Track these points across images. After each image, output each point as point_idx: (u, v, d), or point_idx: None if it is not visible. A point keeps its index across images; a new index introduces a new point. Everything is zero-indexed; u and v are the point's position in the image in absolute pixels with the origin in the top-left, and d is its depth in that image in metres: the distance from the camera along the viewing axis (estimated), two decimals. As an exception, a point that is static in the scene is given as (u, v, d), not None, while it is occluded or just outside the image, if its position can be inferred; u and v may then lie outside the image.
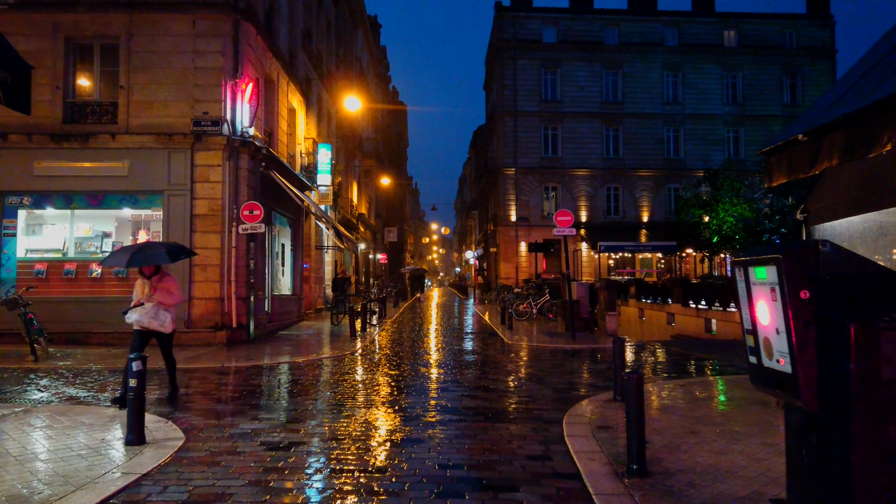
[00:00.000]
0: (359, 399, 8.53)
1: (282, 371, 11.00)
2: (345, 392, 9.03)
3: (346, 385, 9.61)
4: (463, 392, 9.04)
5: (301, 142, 21.83)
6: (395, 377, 10.30)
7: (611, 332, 18.06)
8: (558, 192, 45.58)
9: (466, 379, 10.21)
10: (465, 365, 11.80)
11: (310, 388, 9.49)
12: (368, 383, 9.78)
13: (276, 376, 10.43)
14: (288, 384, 9.78)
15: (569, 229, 17.05)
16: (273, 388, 9.45)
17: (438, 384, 9.66)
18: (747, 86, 46.81)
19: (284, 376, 10.48)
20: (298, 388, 9.40)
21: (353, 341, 15.43)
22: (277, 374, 10.63)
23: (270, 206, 17.79)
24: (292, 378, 10.32)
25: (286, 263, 20.54)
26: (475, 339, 17.00)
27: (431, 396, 8.70)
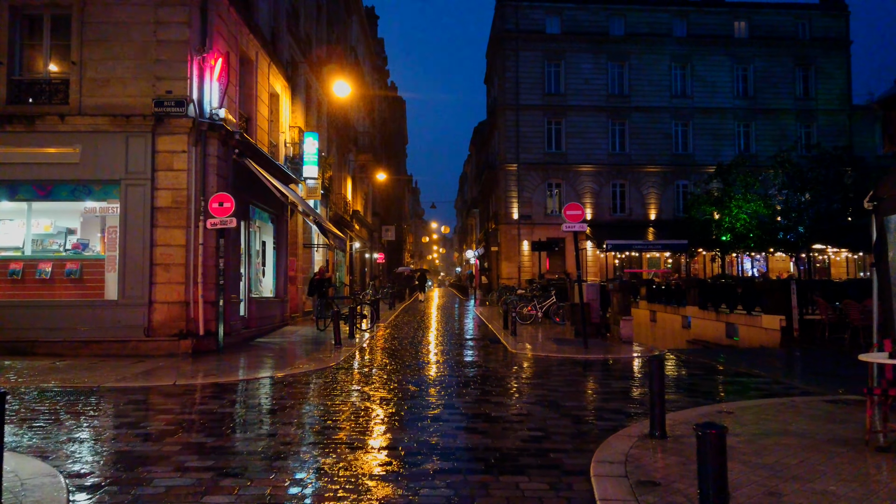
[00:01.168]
0: (325, 438, 6.73)
1: (242, 392, 9.21)
2: (309, 425, 7.24)
3: (313, 414, 7.82)
4: (459, 423, 7.25)
5: (285, 130, 20.04)
6: (376, 402, 8.50)
7: (625, 339, 16.29)
8: (562, 188, 43.79)
9: (464, 402, 8.42)
10: (464, 382, 10.01)
11: (266, 418, 7.69)
12: (342, 412, 7.98)
13: (233, 400, 8.64)
14: (243, 412, 7.97)
15: (579, 224, 15.26)
16: (222, 418, 7.65)
17: (430, 410, 7.87)
18: (758, 78, 45.01)
19: (242, 400, 8.69)
20: (253, 419, 7.60)
21: (336, 351, 13.65)
22: (235, 397, 8.84)
23: (247, 199, 16.02)
24: (251, 403, 8.53)
25: (268, 263, 18.76)
26: (475, 347, 15.22)
27: (420, 429, 6.92)
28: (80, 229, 14.11)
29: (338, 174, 30.95)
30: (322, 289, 19.25)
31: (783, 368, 12.37)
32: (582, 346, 14.55)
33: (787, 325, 16.54)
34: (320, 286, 19.40)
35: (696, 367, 11.84)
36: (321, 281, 19.53)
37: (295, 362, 11.98)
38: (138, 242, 13.02)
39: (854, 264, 44.14)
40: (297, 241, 21.77)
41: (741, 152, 43.01)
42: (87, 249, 13.81)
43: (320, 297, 19.14)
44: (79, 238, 13.98)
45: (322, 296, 19.15)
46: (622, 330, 16.46)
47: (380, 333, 18.27)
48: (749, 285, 20.47)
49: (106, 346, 12.74)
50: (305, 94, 23.41)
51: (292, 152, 20.48)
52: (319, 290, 19.23)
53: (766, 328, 17.39)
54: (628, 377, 10.63)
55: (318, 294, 19.22)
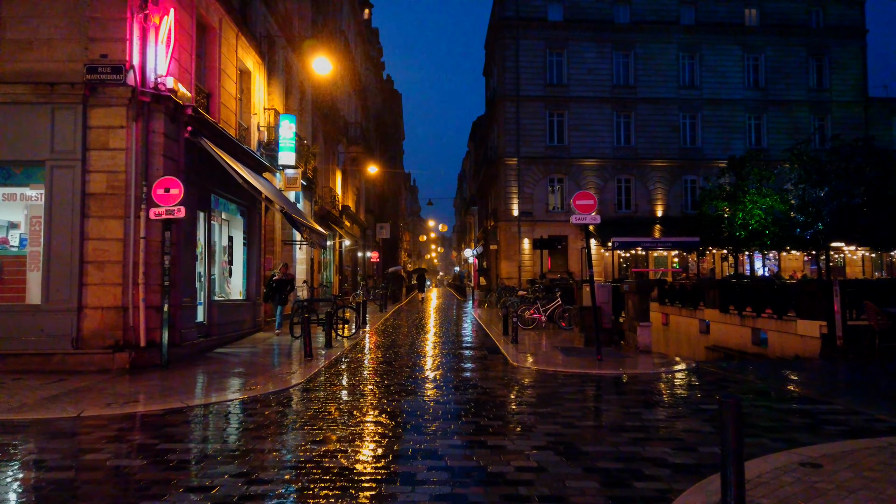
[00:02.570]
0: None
1: (157, 430, 7.05)
2: (223, 493, 5.09)
3: (235, 471, 5.67)
4: (441, 487, 5.10)
5: (258, 112, 17.88)
6: (329, 447, 6.34)
7: (643, 348, 14.16)
8: (564, 183, 41.69)
9: (452, 447, 6.27)
10: (453, 412, 7.87)
11: (174, 476, 5.54)
12: (276, 465, 5.84)
13: (138, 445, 6.47)
14: (145, 462, 5.82)
15: (591, 216, 13.13)
16: (106, 479, 5.51)
17: (402, 465, 5.72)
18: (770, 68, 42.92)
19: (151, 444, 6.54)
20: (154, 477, 5.46)
21: (305, 365, 11.50)
22: (143, 439, 6.68)
23: (208, 186, 13.87)
24: (161, 449, 6.37)
25: (237, 261, 16.61)
26: (471, 359, 13.06)
27: (380, 499, 4.78)
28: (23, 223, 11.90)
29: (325, 166, 28.81)
30: (283, 292, 16.59)
31: (845, 389, 10.22)
32: (594, 357, 12.43)
33: (829, 333, 14.42)
34: (281, 289, 16.58)
35: (738, 388, 9.69)
36: (282, 282, 16.60)
37: (250, 381, 9.83)
38: (66, 236, 10.87)
39: (871, 263, 42.06)
40: (274, 237, 19.63)
41: (752, 146, 40.94)
42: (4, 244, 11.64)
43: (281, 302, 16.60)
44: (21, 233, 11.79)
45: (284, 301, 16.63)
46: (639, 338, 14.33)
47: (363, 341, 16.12)
48: (780, 286, 18.32)
49: (26, 360, 10.59)
50: (285, 75, 21.25)
51: (267, 137, 18.33)
52: (281, 294, 16.58)
53: (802, 335, 15.27)
54: (660, 402, 8.49)
55: (279, 299, 16.58)
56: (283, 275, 16.74)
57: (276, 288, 16.55)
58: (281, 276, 16.69)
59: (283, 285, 16.62)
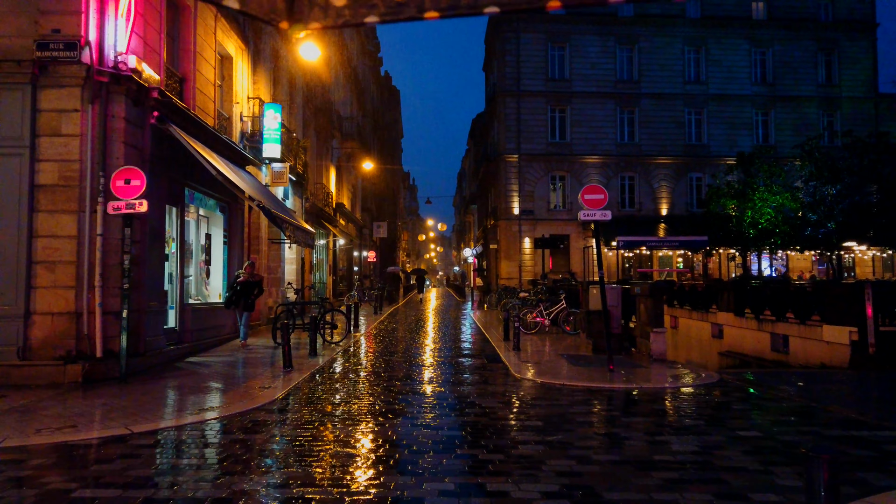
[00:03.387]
0: None
1: (92, 466, 5.82)
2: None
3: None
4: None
5: (241, 101, 16.65)
6: (294, 492, 5.13)
7: (657, 356, 12.95)
8: (566, 181, 40.48)
9: (441, 493, 5.05)
10: (446, 441, 6.64)
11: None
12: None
13: (64, 483, 5.26)
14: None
15: (601, 212, 11.93)
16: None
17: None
18: (778, 63, 41.68)
19: (76, 486, 5.31)
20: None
21: (283, 377, 10.28)
22: (72, 476, 5.45)
23: (180, 179, 12.66)
24: (89, 493, 5.15)
25: (216, 261, 15.39)
26: (469, 369, 11.83)
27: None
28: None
29: (318, 162, 27.58)
30: (250, 296, 13.86)
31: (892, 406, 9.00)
32: (605, 367, 11.22)
33: (860, 340, 13.20)
34: (247, 293, 13.82)
35: (774, 406, 8.47)
36: (248, 285, 13.81)
37: (216, 398, 8.61)
38: (11, 233, 9.65)
39: (881, 263, 40.83)
40: (260, 236, 18.41)
41: (760, 142, 39.74)
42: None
43: (247, 308, 13.91)
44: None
45: (250, 307, 13.98)
46: (653, 345, 13.12)
47: (352, 348, 14.90)
48: (804, 288, 17.09)
49: (-35, 372, 9.37)
50: (273, 63, 20.03)
51: (251, 128, 17.11)
52: (246, 299, 13.83)
53: (829, 342, 14.06)
54: (689, 427, 7.27)
55: (245, 304, 13.85)
56: (249, 275, 13.98)
57: (240, 291, 13.77)
58: (247, 276, 13.89)
59: (249, 288, 13.88)
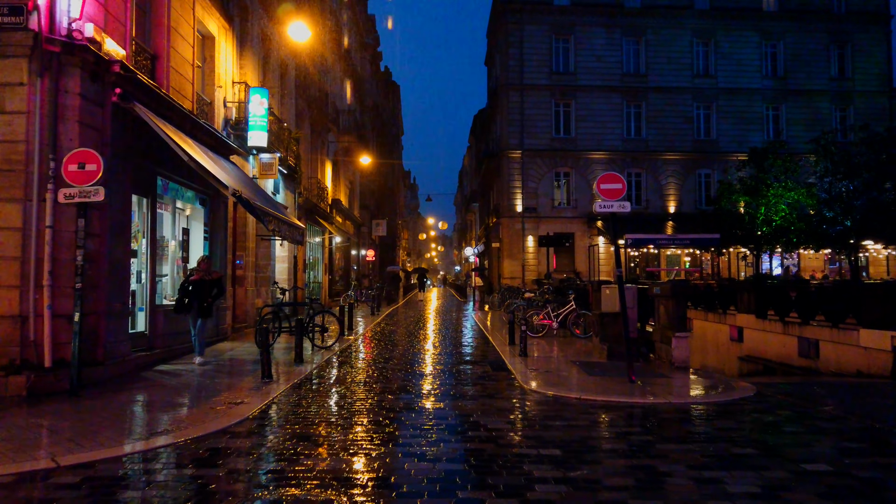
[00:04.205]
0: None
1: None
2: None
3: None
4: None
5: (224, 84, 15.39)
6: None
7: (679, 364, 11.70)
8: (571, 177, 39.21)
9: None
10: (445, 478, 5.37)
11: None
12: None
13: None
14: None
15: (619, 203, 10.71)
16: None
17: None
18: (789, 56, 40.38)
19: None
20: None
21: (263, 390, 9.03)
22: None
23: (153, 167, 11.41)
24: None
25: (194, 258, 14.11)
26: (471, 380, 10.56)
27: None
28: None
29: (313, 156, 26.33)
30: (204, 299, 11.08)
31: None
32: (624, 377, 9.98)
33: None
34: (200, 295, 11.03)
35: (835, 427, 7.20)
36: (202, 285, 11.03)
37: (177, 417, 7.36)
38: (-54, 224, 8.42)
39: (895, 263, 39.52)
40: (247, 231, 17.17)
41: (770, 138, 38.41)
42: None
43: (203, 314, 11.18)
44: None
45: (206, 312, 11.20)
46: (675, 351, 11.86)
47: (343, 355, 13.65)
48: (836, 288, 15.82)
49: None
50: (262, 48, 18.76)
51: (235, 115, 15.85)
52: (201, 302, 11.05)
53: (867, 347, 12.79)
54: (740, 457, 5.99)
55: (200, 309, 11.09)
56: (205, 273, 11.15)
57: (192, 293, 10.95)
58: (201, 274, 11.08)
59: (204, 289, 11.05)
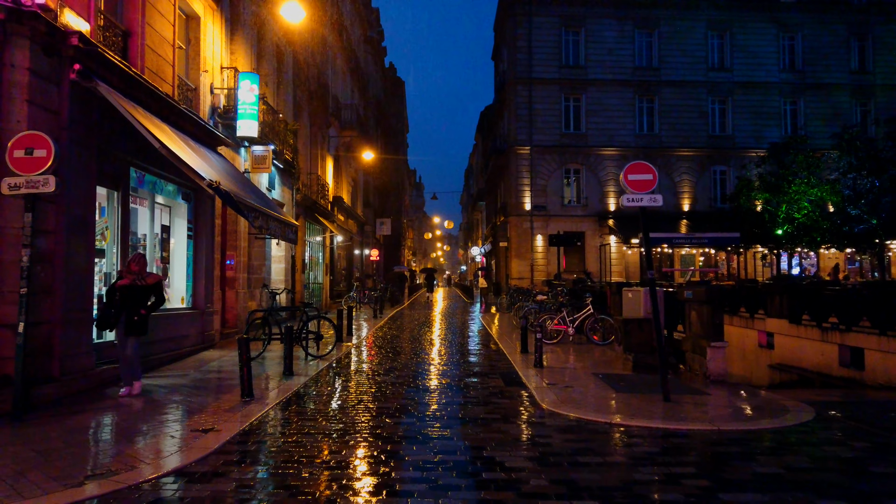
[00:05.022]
0: None
1: None
2: None
3: None
4: None
5: (211, 69, 14.14)
6: None
7: (716, 377, 10.41)
8: (581, 175, 37.90)
9: None
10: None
11: None
12: None
13: None
14: None
15: (649, 196, 9.43)
16: None
17: None
18: (808, 49, 38.93)
19: None
20: None
21: (242, 411, 7.78)
22: None
23: (124, 156, 10.19)
24: None
25: (178, 259, 12.91)
26: (482, 396, 9.27)
27: None
28: None
29: (313, 151, 25.10)
30: (133, 310, 8.38)
31: None
32: (657, 393, 8.71)
33: (969, 357, 10.62)
34: (130, 304, 8.35)
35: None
36: (132, 292, 8.38)
37: (126, 453, 6.10)
38: None
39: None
40: (238, 230, 15.93)
41: (788, 133, 36.98)
42: None
43: (134, 331, 8.43)
44: None
45: (137, 328, 8.44)
46: (710, 363, 10.55)
47: (338, 366, 12.39)
48: (886, 291, 14.47)
49: None
50: (255, 33, 17.53)
51: (224, 102, 14.60)
52: (130, 313, 8.37)
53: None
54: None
55: (129, 324, 8.39)
56: (136, 277, 8.43)
57: (120, 302, 8.33)
58: (132, 279, 8.41)
59: (135, 298, 8.35)
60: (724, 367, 10.63)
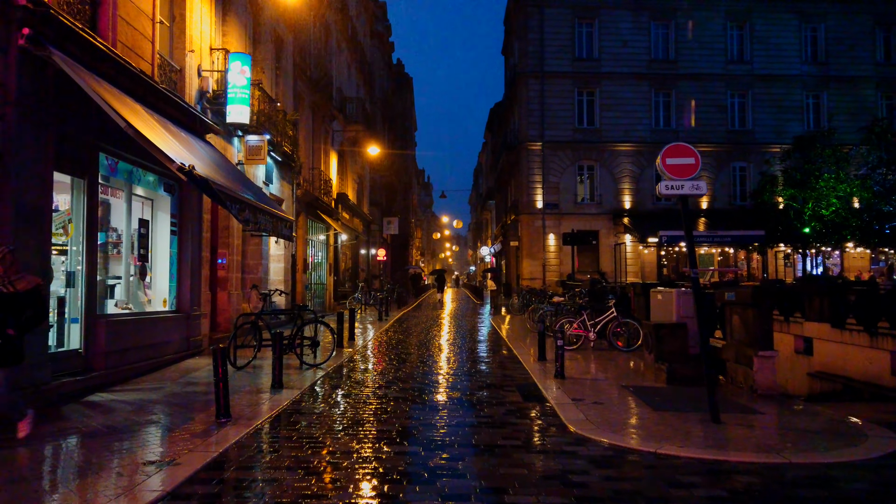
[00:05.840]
0: None
1: None
2: None
3: None
4: None
5: (198, 49, 12.93)
6: None
7: (764, 391, 9.10)
8: (595, 171, 36.52)
9: None
10: None
11: None
12: None
13: None
14: None
15: (691, 183, 8.17)
16: None
17: None
18: (831, 40, 37.36)
19: None
20: None
21: (213, 436, 6.55)
22: None
23: (91, 139, 8.98)
24: None
25: (161, 257, 11.71)
26: (498, 417, 8.00)
27: None
28: None
29: (315, 144, 23.91)
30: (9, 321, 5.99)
31: None
32: (700, 412, 7.43)
33: None
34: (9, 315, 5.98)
35: None
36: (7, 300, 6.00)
37: (52, 498, 4.88)
38: None
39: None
40: (230, 225, 14.74)
41: (811, 128, 35.49)
42: None
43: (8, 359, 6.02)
44: None
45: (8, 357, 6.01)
46: (758, 374, 9.24)
47: (335, 377, 11.16)
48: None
49: None
50: (251, 14, 16.33)
51: (213, 87, 13.40)
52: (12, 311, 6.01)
53: None
54: None
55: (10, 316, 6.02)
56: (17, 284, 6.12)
57: None
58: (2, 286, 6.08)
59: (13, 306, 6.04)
60: (774, 380, 9.32)
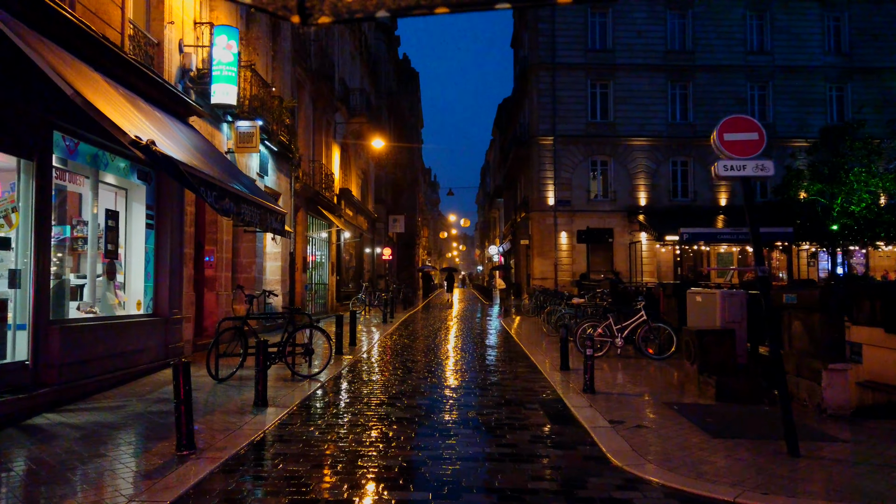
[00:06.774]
0: None
1: None
2: None
3: None
4: None
5: (179, 21, 11.57)
6: None
7: (835, 412, 7.73)
8: (609, 167, 35.06)
9: None
10: None
11: None
12: None
13: None
14: None
15: (755, 161, 6.76)
16: None
17: None
18: (855, 30, 35.81)
19: None
20: None
21: (167, 477, 5.19)
22: None
23: (45, 116, 7.63)
24: None
25: (135, 253, 10.35)
26: (522, 446, 6.60)
27: None
28: None
29: (315, 136, 22.56)
30: None
31: None
32: (769, 439, 6.03)
33: None
34: None
35: None
36: None
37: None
38: None
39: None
40: (218, 219, 13.39)
41: (834, 121, 33.95)
42: None
43: None
44: None
45: None
46: (827, 391, 7.89)
47: (328, 391, 9.78)
48: None
49: None
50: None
51: (197, 64, 12.04)
52: None
53: None
54: None
55: None
56: None
57: None
58: None
59: None
60: (847, 398, 7.90)
